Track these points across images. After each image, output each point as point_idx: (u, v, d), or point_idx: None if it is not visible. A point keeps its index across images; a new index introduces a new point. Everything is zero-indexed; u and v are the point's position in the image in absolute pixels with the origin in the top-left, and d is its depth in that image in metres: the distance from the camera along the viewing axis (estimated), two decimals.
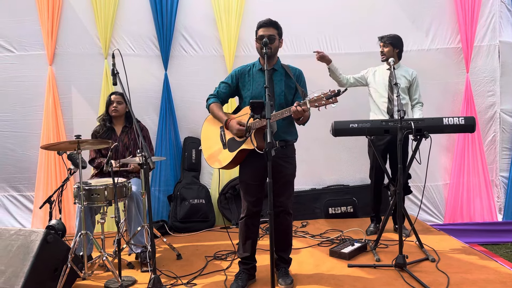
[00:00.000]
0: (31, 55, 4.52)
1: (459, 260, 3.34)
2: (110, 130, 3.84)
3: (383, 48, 3.97)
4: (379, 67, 4.08)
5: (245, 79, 2.98)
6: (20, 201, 4.63)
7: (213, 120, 3.05)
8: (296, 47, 4.77)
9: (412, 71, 4.01)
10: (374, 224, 4.12)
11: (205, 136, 3.12)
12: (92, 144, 3.26)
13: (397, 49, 3.96)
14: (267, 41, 2.76)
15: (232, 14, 4.65)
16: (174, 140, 4.74)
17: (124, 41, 4.62)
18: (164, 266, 3.38)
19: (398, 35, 3.97)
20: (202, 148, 3.10)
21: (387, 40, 3.95)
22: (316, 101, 2.60)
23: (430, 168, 3.77)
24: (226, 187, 4.73)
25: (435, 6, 4.76)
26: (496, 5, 4.74)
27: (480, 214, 4.78)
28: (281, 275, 2.99)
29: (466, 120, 3.37)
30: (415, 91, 4.02)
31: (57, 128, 4.51)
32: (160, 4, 4.57)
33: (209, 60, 4.73)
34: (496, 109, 4.81)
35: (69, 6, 4.53)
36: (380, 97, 3.97)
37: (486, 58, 4.79)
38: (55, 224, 3.40)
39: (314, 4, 4.74)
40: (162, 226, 4.39)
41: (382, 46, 3.97)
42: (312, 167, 4.85)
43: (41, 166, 4.51)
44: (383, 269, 3.18)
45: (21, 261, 2.72)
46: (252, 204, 2.94)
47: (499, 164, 4.85)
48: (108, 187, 3.13)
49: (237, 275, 3.01)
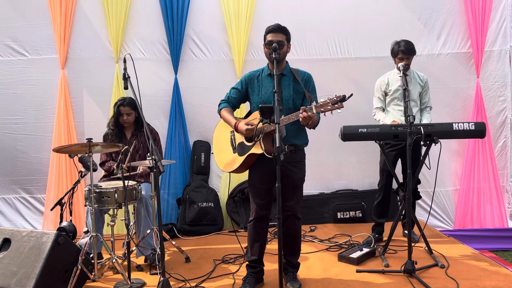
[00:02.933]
0: (44, 59, 4.59)
1: (469, 267, 3.31)
2: (120, 136, 3.88)
3: (406, 61, 3.73)
4: (390, 75, 3.99)
5: (254, 85, 3.00)
6: (31, 203, 4.69)
7: (224, 124, 3.08)
8: (306, 51, 4.77)
9: (423, 75, 3.99)
10: (374, 234, 3.97)
11: (216, 141, 3.17)
12: (103, 147, 3.30)
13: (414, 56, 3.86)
14: (276, 46, 2.78)
15: (241, 18, 4.68)
16: (183, 144, 4.78)
17: (135, 45, 4.67)
18: (172, 269, 3.40)
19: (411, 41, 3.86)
20: (214, 152, 3.15)
21: (412, 52, 3.77)
22: (322, 107, 2.61)
23: (440, 173, 3.76)
24: (235, 190, 4.74)
25: (446, 10, 4.74)
26: (507, 10, 4.71)
27: (490, 220, 4.74)
28: (289, 279, 2.99)
29: (476, 126, 3.35)
30: (425, 95, 3.99)
31: (68, 131, 4.56)
32: (170, 9, 4.62)
33: (219, 64, 4.76)
34: (507, 115, 4.77)
35: (82, 11, 4.60)
36: (396, 106, 3.90)
37: (497, 63, 4.76)
38: (66, 226, 3.43)
39: (324, 9, 4.75)
40: (171, 229, 4.41)
41: (406, 59, 3.74)
42: (321, 171, 4.85)
43: (52, 168, 4.57)
44: (392, 274, 3.16)
45: (32, 262, 2.76)
46: (261, 207, 2.95)
47: (510, 170, 4.80)
48: (118, 190, 3.17)
49: (245, 278, 3.02)
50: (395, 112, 3.90)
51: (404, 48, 3.76)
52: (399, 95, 3.88)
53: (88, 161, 3.13)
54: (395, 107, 3.92)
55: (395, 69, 3.96)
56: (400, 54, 3.78)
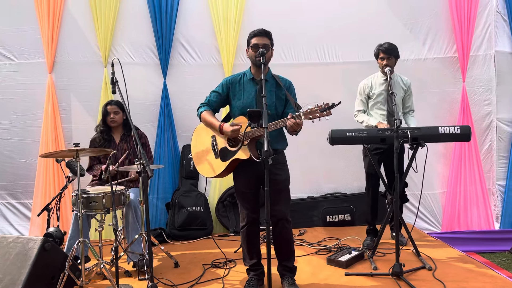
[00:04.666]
0: (31, 63, 4.56)
1: (456, 269, 3.34)
2: (108, 139, 3.85)
3: (387, 61, 3.81)
4: (373, 79, 4.02)
5: (236, 89, 2.99)
6: (18, 208, 4.64)
7: (204, 129, 3.06)
8: (294, 56, 4.81)
9: (406, 79, 4.02)
10: (370, 237, 3.99)
11: (195, 145, 3.13)
12: (90, 152, 3.27)
13: (397, 59, 3.92)
14: (264, 51, 2.78)
15: (230, 23, 4.70)
16: (172, 148, 4.76)
17: (124, 49, 4.66)
18: (161, 274, 3.38)
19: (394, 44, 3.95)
20: (193, 156, 3.11)
21: (393, 52, 3.84)
22: (310, 114, 2.63)
23: (427, 176, 3.80)
24: (224, 194, 4.74)
25: (432, 16, 4.81)
26: (492, 15, 4.79)
27: (477, 223, 4.80)
28: (288, 285, 2.94)
29: (461, 129, 3.40)
30: (408, 99, 4.03)
31: (56, 136, 4.53)
32: (159, 13, 4.62)
33: (208, 68, 4.77)
34: (493, 118, 4.85)
35: (69, 15, 4.58)
36: (379, 110, 3.94)
37: (482, 67, 4.83)
38: (53, 231, 3.41)
39: (312, 14, 4.80)
40: (160, 234, 4.39)
41: (387, 59, 3.82)
42: (310, 175, 4.88)
43: (39, 173, 4.52)
44: (380, 277, 3.18)
45: (18, 269, 2.73)
46: (251, 211, 2.96)
47: (496, 172, 4.88)
48: (106, 195, 3.14)
49: (248, 282, 3.00)
50: (378, 116, 3.93)
51: (385, 48, 3.83)
52: (382, 99, 3.92)
53: (76, 166, 3.10)
54: (378, 111, 3.95)
55: (379, 72, 4.00)
56: (381, 54, 3.85)
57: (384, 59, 3.83)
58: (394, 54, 3.86)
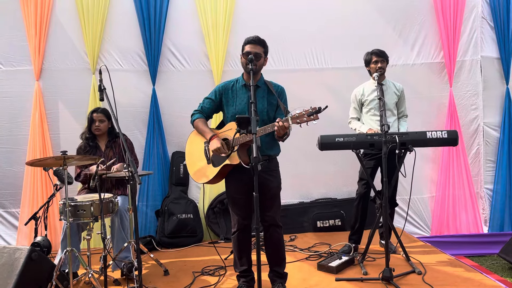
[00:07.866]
0: (18, 70, 4.51)
1: (445, 273, 3.36)
2: (94, 146, 3.82)
3: (381, 64, 3.87)
4: (365, 86, 4.05)
5: (229, 95, 3.01)
6: (5, 217, 4.56)
7: (197, 135, 3.08)
8: (284, 62, 4.83)
9: (399, 85, 4.07)
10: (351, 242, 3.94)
11: (189, 152, 3.15)
12: (78, 160, 3.24)
13: (387, 63, 3.97)
14: (252, 57, 2.80)
15: (219, 29, 4.71)
16: (162, 155, 4.74)
17: (112, 56, 4.64)
18: (151, 283, 3.35)
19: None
20: (187, 163, 3.12)
21: (385, 55, 3.90)
22: (298, 118, 2.64)
23: (416, 181, 3.82)
24: (215, 201, 4.72)
25: (419, 22, 4.87)
26: (478, 21, 4.86)
27: (466, 226, 4.83)
28: None
29: (448, 134, 3.42)
30: (401, 104, 4.07)
31: (43, 143, 4.48)
32: (148, 20, 4.61)
33: (197, 75, 4.76)
34: (480, 123, 4.90)
35: (57, 22, 4.55)
36: (374, 116, 3.95)
37: (469, 72, 4.89)
38: (40, 241, 3.36)
39: (301, 20, 4.82)
40: (150, 241, 4.35)
41: (381, 62, 3.87)
42: (300, 180, 4.88)
43: (26, 182, 4.46)
44: (370, 282, 3.19)
45: (5, 279, 2.69)
46: (242, 218, 2.96)
47: (484, 176, 4.93)
48: (94, 203, 3.11)
49: None
50: (373, 122, 3.96)
51: (377, 51, 3.90)
52: (375, 105, 3.94)
53: (63, 174, 3.07)
54: (372, 117, 3.98)
55: (370, 79, 4.03)
56: (374, 58, 3.89)
57: (378, 62, 3.88)
58: (386, 58, 3.93)
